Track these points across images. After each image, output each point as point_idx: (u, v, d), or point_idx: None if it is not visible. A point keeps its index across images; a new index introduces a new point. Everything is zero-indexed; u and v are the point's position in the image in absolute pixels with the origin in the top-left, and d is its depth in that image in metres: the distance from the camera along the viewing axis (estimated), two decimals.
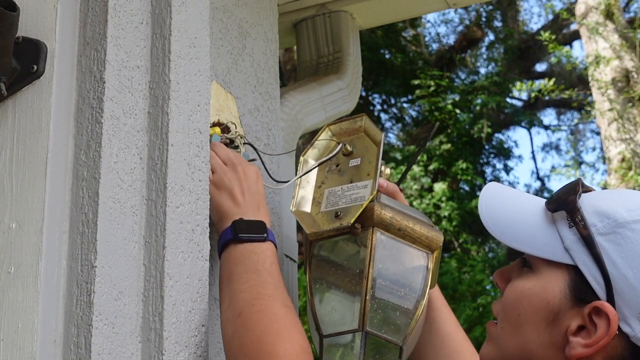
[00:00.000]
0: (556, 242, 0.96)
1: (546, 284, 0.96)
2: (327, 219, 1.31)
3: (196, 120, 1.23)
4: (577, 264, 0.93)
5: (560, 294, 0.94)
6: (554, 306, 0.94)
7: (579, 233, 0.94)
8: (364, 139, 1.40)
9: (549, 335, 0.94)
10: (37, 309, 0.99)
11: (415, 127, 10.14)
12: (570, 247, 0.94)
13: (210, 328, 1.24)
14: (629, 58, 8.43)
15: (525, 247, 0.98)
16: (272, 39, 1.67)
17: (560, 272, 0.95)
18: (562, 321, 0.94)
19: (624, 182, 7.97)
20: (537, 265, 0.98)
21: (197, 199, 1.20)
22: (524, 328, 0.97)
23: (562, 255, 0.95)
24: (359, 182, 1.33)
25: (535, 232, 0.98)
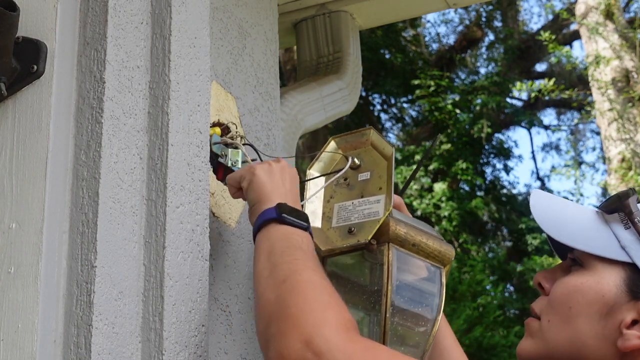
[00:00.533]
0: (612, 242, 1.02)
1: (600, 279, 1.01)
2: (340, 235, 1.30)
3: (196, 120, 1.23)
4: (634, 261, 0.99)
5: (615, 289, 0.99)
6: (609, 300, 0.99)
7: (637, 233, 1.00)
8: (371, 152, 1.38)
9: (602, 328, 0.99)
10: (37, 309, 0.99)
11: (415, 127, 10.14)
12: (628, 246, 1.00)
13: (210, 328, 1.24)
14: (629, 58, 8.43)
15: (581, 245, 1.04)
16: (272, 39, 1.67)
17: (615, 269, 1.01)
18: (616, 314, 0.99)
19: (624, 182, 7.97)
20: (590, 263, 1.03)
21: (197, 199, 1.20)
22: (576, 320, 1.01)
23: (619, 253, 1.00)
24: (371, 196, 1.33)
25: (590, 232, 1.04)
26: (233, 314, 1.33)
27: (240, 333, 1.34)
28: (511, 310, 8.46)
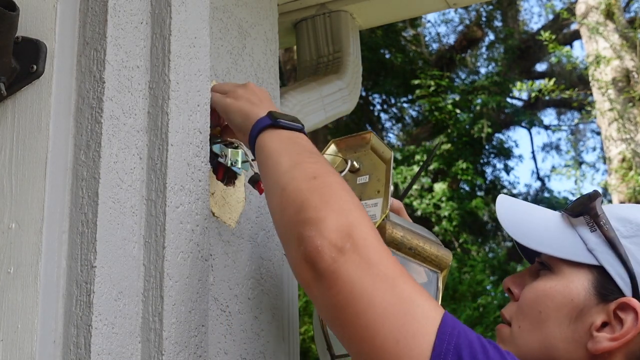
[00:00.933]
0: (579, 245, 1.02)
1: (569, 283, 1.01)
2: None
3: (196, 120, 1.23)
4: (602, 263, 1.00)
5: (584, 292, 1.00)
6: (578, 303, 1.00)
7: (604, 235, 1.01)
8: (371, 155, 1.38)
9: (572, 331, 1.00)
10: (36, 309, 0.99)
11: (415, 127, 10.14)
12: (595, 249, 1.01)
13: (210, 328, 1.24)
14: (630, 58, 8.43)
15: (548, 250, 1.04)
16: (272, 39, 1.67)
17: (583, 272, 1.01)
18: (586, 318, 0.99)
19: (625, 182, 7.97)
20: (558, 266, 1.03)
21: (197, 199, 1.20)
22: (546, 324, 1.01)
23: (586, 256, 1.01)
24: (369, 200, 1.33)
25: (557, 236, 1.04)
26: (233, 314, 1.33)
27: (240, 333, 1.34)
28: None
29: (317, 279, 0.93)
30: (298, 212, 0.98)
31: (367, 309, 0.90)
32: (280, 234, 1.05)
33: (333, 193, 1.00)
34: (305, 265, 0.94)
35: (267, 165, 1.11)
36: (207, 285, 1.18)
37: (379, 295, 0.90)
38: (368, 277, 0.91)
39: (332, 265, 0.92)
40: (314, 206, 0.98)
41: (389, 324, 0.89)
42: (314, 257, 0.93)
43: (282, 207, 1.02)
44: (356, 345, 0.91)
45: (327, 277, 0.92)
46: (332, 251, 0.93)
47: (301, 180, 1.03)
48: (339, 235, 0.94)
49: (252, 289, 1.40)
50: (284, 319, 1.49)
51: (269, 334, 1.43)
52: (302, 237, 0.95)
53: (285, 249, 1.03)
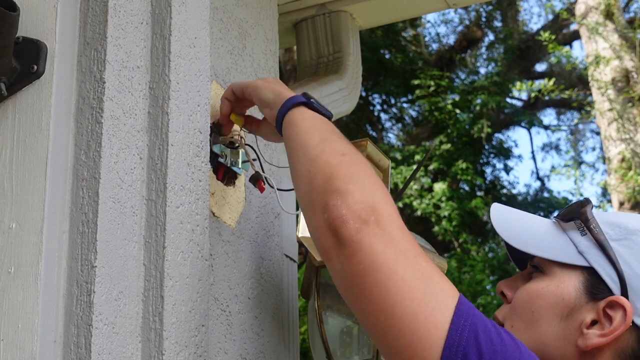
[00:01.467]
0: (569, 248, 1.06)
1: (560, 283, 1.05)
2: None
3: (196, 120, 1.23)
4: (592, 265, 1.04)
5: (575, 291, 1.04)
6: (569, 302, 1.04)
7: (594, 238, 1.05)
8: None
9: (563, 329, 1.03)
10: (37, 309, 0.99)
11: (415, 127, 10.14)
12: (585, 251, 1.05)
13: (210, 328, 1.24)
14: (629, 58, 8.43)
15: (541, 252, 1.08)
16: (272, 39, 1.67)
17: (574, 273, 1.05)
18: (576, 316, 1.03)
19: (624, 182, 7.97)
20: (550, 268, 1.07)
21: (197, 199, 1.20)
22: (539, 323, 1.05)
23: (577, 259, 1.05)
24: None
25: (549, 239, 1.09)
26: (233, 314, 1.33)
27: (240, 333, 1.34)
28: None
29: (338, 246, 0.96)
30: (326, 182, 1.02)
31: (388, 280, 0.93)
32: (304, 203, 1.07)
33: (361, 170, 1.04)
34: (328, 232, 0.98)
35: (297, 139, 1.15)
36: (207, 285, 1.19)
37: (400, 268, 0.93)
38: (390, 251, 0.94)
39: (356, 235, 0.95)
40: (342, 178, 1.02)
41: (409, 296, 0.91)
42: (337, 225, 0.97)
43: (310, 177, 1.06)
44: (372, 315, 0.94)
45: (350, 245, 0.95)
46: (357, 221, 0.96)
47: (331, 154, 1.07)
48: (364, 208, 0.97)
49: (252, 289, 1.40)
50: (284, 319, 1.49)
51: (269, 334, 1.43)
52: (328, 205, 0.99)
53: (307, 218, 1.06)
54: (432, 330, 0.89)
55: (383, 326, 0.93)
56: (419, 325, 0.90)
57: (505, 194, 9.87)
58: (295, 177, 1.12)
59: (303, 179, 1.08)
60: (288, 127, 1.19)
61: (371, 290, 0.93)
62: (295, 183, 1.13)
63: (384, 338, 0.93)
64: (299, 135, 1.15)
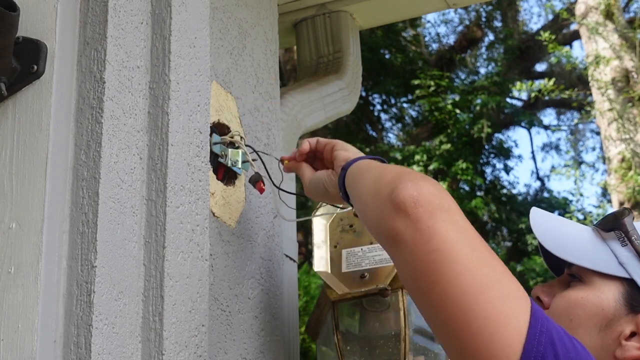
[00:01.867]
0: (610, 258, 1.06)
1: (600, 294, 1.05)
2: (352, 280, 1.33)
3: (196, 120, 1.23)
4: (632, 276, 1.04)
5: (614, 303, 1.04)
6: (608, 313, 1.04)
7: (635, 250, 1.05)
8: None
9: (601, 339, 1.03)
10: (37, 309, 0.99)
11: (415, 127, 10.14)
12: (626, 263, 1.05)
13: (210, 328, 1.24)
14: (629, 58, 8.43)
15: (582, 262, 1.07)
16: (272, 39, 1.67)
17: (613, 284, 1.05)
18: (615, 327, 1.03)
19: (624, 182, 7.97)
20: (589, 278, 1.07)
21: (197, 199, 1.20)
22: (576, 332, 1.03)
23: (617, 269, 1.05)
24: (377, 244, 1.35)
25: (589, 249, 1.08)
26: (233, 314, 1.33)
27: (240, 333, 1.34)
28: None
29: (410, 230, 0.91)
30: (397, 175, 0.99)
31: (467, 273, 0.88)
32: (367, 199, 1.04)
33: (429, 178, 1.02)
34: (398, 214, 0.92)
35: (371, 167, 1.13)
36: (207, 285, 1.19)
37: (477, 263, 0.89)
38: (467, 243, 0.90)
39: (430, 220, 0.90)
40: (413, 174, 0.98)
41: (490, 294, 0.87)
42: (408, 206, 0.91)
43: (380, 176, 1.03)
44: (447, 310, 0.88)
45: (424, 230, 0.90)
46: (429, 205, 0.91)
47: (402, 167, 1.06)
48: (437, 195, 0.93)
49: (252, 289, 1.40)
50: (284, 319, 1.49)
51: (269, 334, 1.43)
52: (397, 187, 0.94)
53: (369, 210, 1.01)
54: (512, 332, 0.86)
55: (460, 323, 0.87)
56: (500, 326, 0.86)
57: (505, 194, 9.87)
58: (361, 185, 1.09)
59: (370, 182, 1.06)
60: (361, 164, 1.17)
61: (449, 283, 0.88)
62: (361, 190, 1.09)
63: (458, 336, 0.88)
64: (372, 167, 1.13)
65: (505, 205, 9.61)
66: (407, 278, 0.94)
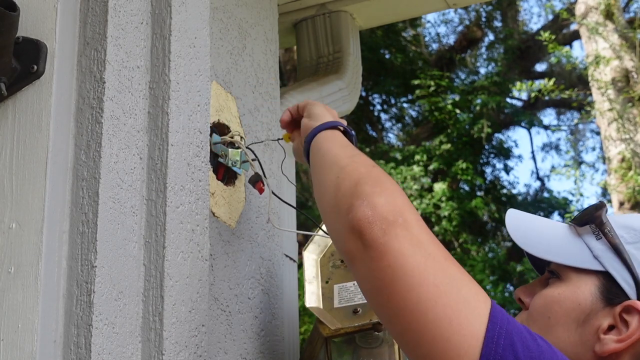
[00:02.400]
0: (585, 252, 1.06)
1: (576, 289, 1.05)
2: (344, 316, 1.33)
3: (196, 120, 1.23)
4: (607, 269, 1.03)
5: (591, 297, 1.04)
6: (585, 307, 1.04)
7: (609, 242, 1.05)
8: None
9: (580, 335, 1.03)
10: (37, 309, 0.99)
11: (415, 127, 10.14)
12: (600, 255, 1.05)
13: (210, 328, 1.24)
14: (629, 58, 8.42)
15: (556, 258, 1.08)
16: (272, 39, 1.67)
17: (589, 278, 1.05)
18: (593, 321, 1.02)
19: (624, 182, 7.97)
20: (565, 274, 1.07)
21: (197, 199, 1.20)
22: (555, 329, 1.04)
23: (592, 263, 1.05)
24: None
25: (564, 245, 1.08)
26: (233, 314, 1.33)
27: (240, 333, 1.34)
28: (511, 310, 8.45)
29: (365, 249, 0.93)
30: (353, 185, 1.00)
31: (420, 285, 0.90)
32: (328, 208, 1.05)
33: (388, 180, 1.03)
34: (353, 235, 0.95)
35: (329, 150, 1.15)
36: (207, 285, 1.19)
37: (431, 272, 0.90)
38: (419, 254, 0.92)
39: (383, 237, 0.92)
40: (370, 183, 1.00)
41: (442, 301, 0.89)
42: (363, 226, 0.94)
43: (338, 182, 1.04)
44: (403, 321, 0.91)
45: (377, 248, 0.92)
46: (383, 223, 0.93)
47: (360, 164, 1.07)
48: (391, 210, 0.95)
49: (252, 289, 1.40)
50: (284, 319, 1.49)
51: (269, 334, 1.43)
52: (353, 206, 0.96)
53: (330, 222, 1.04)
54: (467, 337, 0.87)
55: (415, 333, 0.89)
56: (453, 332, 0.87)
57: (505, 194, 9.87)
58: (321, 184, 1.11)
59: (330, 185, 1.07)
60: (321, 140, 1.20)
61: (402, 296, 0.90)
62: (320, 192, 1.11)
63: (416, 345, 0.90)
64: (330, 148, 1.15)
65: (505, 205, 9.61)
66: (366, 293, 0.97)
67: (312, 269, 1.40)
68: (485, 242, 9.65)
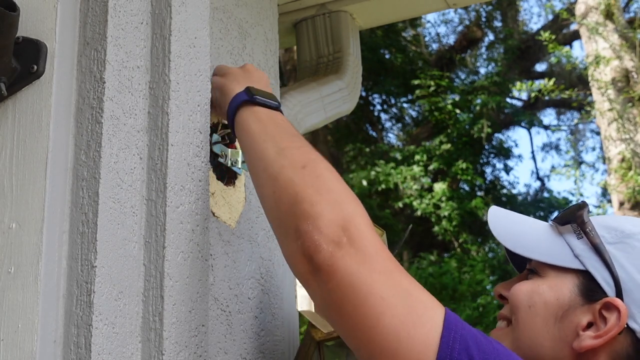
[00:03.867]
0: (565, 251, 1.07)
1: (554, 286, 1.06)
2: None
3: (196, 120, 1.23)
4: (587, 268, 1.04)
5: (569, 294, 1.04)
6: (563, 303, 1.04)
7: (590, 242, 1.05)
8: None
9: (558, 330, 1.03)
10: (37, 309, 0.99)
11: (415, 127, 10.14)
12: (581, 255, 1.05)
13: (210, 328, 1.24)
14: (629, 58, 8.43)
15: (537, 256, 1.08)
16: (272, 39, 1.67)
17: (568, 276, 1.06)
18: (571, 317, 1.03)
19: (624, 182, 7.97)
20: (545, 271, 1.08)
21: (197, 199, 1.20)
22: (535, 320, 1.05)
23: (572, 262, 1.06)
24: None
25: (545, 243, 1.09)
26: (233, 314, 1.33)
27: (240, 333, 1.34)
28: None
29: (314, 272, 0.95)
30: (293, 204, 1.00)
31: (365, 300, 0.90)
32: (274, 224, 1.06)
33: (324, 184, 1.02)
34: (303, 259, 0.96)
35: (253, 149, 1.13)
36: (207, 285, 1.19)
37: (376, 286, 0.91)
38: (365, 270, 0.92)
39: (330, 259, 0.94)
40: (308, 200, 0.99)
41: (390, 313, 0.89)
42: (312, 252, 0.95)
43: (276, 199, 1.04)
44: (356, 337, 0.92)
45: (325, 270, 0.94)
46: (330, 245, 0.94)
47: (291, 169, 1.05)
48: (335, 230, 0.95)
49: (252, 289, 1.40)
50: (284, 319, 1.49)
51: (269, 334, 1.43)
52: (300, 231, 0.97)
53: (280, 241, 1.04)
54: (418, 346, 0.87)
55: (367, 348, 0.90)
56: (402, 343, 0.88)
57: (505, 194, 9.87)
58: (260, 195, 1.10)
59: (269, 200, 1.06)
60: (240, 133, 1.18)
61: (350, 313, 0.91)
62: (261, 201, 1.10)
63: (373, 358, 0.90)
64: (253, 146, 1.13)
65: (505, 205, 9.62)
66: (322, 313, 0.99)
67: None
68: (485, 242, 9.66)
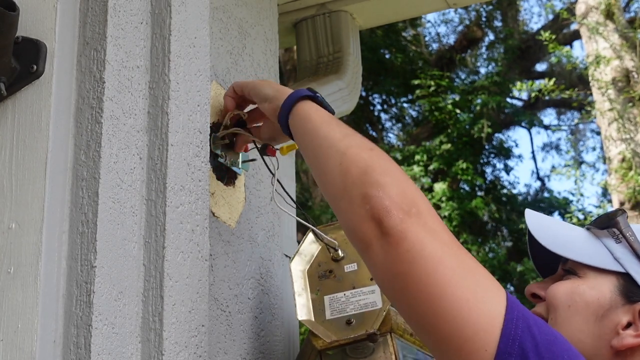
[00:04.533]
0: (605, 254, 1.10)
1: (595, 286, 1.09)
2: (337, 327, 1.31)
3: (196, 120, 1.23)
4: (628, 271, 1.08)
5: (610, 294, 1.08)
6: (604, 303, 1.07)
7: (630, 246, 1.09)
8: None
9: (598, 329, 1.07)
10: (36, 309, 0.99)
11: (415, 127, 10.14)
12: (621, 258, 1.09)
13: (210, 328, 1.24)
14: (629, 58, 8.42)
15: (578, 257, 1.11)
16: (272, 39, 1.67)
17: (608, 277, 1.09)
18: (612, 317, 1.06)
19: (624, 182, 7.97)
20: (583, 272, 1.11)
21: (197, 199, 1.20)
22: (575, 319, 1.08)
23: (613, 264, 1.09)
24: (364, 287, 1.34)
25: (585, 245, 1.12)
26: (233, 314, 1.33)
27: (240, 333, 1.34)
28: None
29: (382, 236, 0.97)
30: (362, 174, 1.03)
31: (436, 268, 0.93)
32: (337, 194, 1.07)
33: (392, 164, 1.06)
34: (371, 223, 0.98)
35: (317, 132, 1.15)
36: (207, 285, 1.18)
37: (446, 258, 0.94)
38: (435, 241, 0.96)
39: (400, 224, 0.96)
40: (379, 170, 1.03)
41: (460, 284, 0.92)
42: (382, 216, 0.97)
43: (343, 170, 1.06)
44: (422, 304, 0.94)
45: (395, 235, 0.96)
46: (400, 212, 0.97)
47: (359, 148, 1.09)
48: (405, 200, 0.99)
49: (252, 289, 1.40)
50: (284, 319, 1.49)
51: (269, 334, 1.43)
52: (369, 196, 1.00)
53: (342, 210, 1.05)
54: (486, 317, 0.90)
55: (434, 316, 0.92)
56: (472, 312, 0.90)
57: (505, 194, 9.87)
58: (323, 169, 1.12)
59: (334, 172, 1.08)
60: (300, 119, 1.19)
61: (420, 278, 0.93)
62: (322, 176, 1.12)
63: (434, 329, 0.93)
64: (318, 129, 1.16)
65: (506, 205, 9.62)
66: (381, 280, 1.01)
67: (300, 280, 1.39)
68: (486, 242, 9.65)
